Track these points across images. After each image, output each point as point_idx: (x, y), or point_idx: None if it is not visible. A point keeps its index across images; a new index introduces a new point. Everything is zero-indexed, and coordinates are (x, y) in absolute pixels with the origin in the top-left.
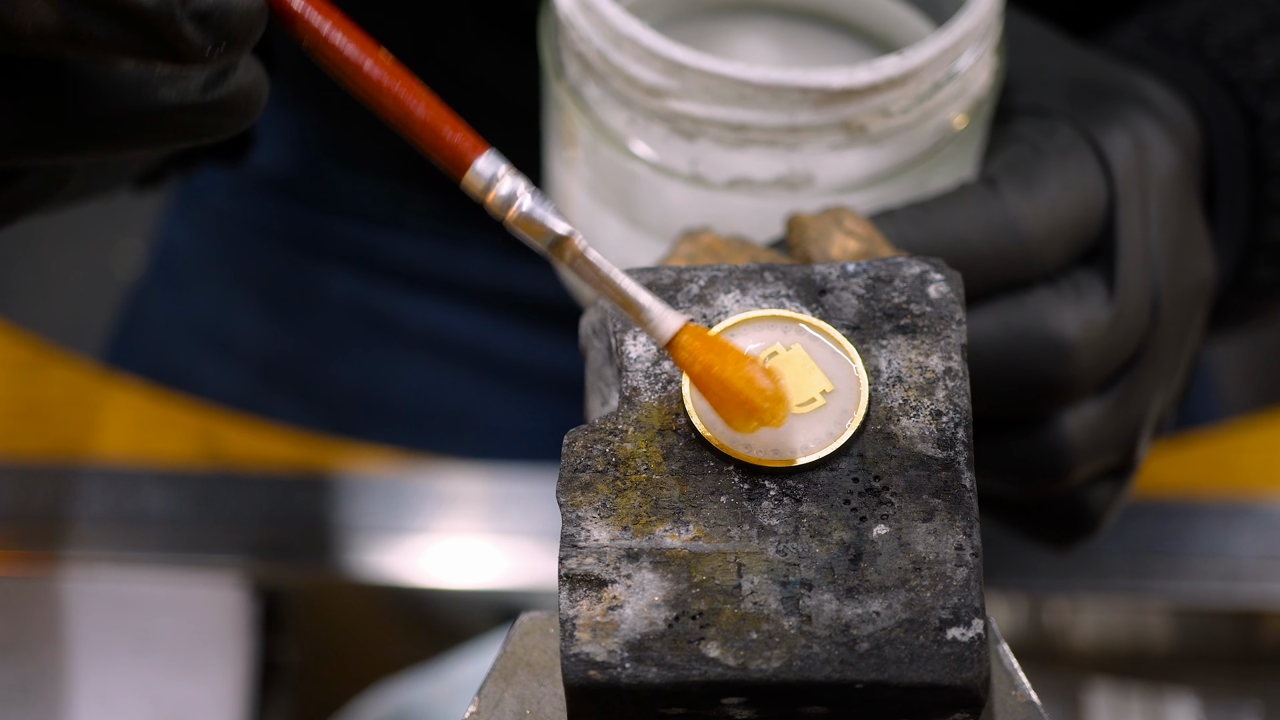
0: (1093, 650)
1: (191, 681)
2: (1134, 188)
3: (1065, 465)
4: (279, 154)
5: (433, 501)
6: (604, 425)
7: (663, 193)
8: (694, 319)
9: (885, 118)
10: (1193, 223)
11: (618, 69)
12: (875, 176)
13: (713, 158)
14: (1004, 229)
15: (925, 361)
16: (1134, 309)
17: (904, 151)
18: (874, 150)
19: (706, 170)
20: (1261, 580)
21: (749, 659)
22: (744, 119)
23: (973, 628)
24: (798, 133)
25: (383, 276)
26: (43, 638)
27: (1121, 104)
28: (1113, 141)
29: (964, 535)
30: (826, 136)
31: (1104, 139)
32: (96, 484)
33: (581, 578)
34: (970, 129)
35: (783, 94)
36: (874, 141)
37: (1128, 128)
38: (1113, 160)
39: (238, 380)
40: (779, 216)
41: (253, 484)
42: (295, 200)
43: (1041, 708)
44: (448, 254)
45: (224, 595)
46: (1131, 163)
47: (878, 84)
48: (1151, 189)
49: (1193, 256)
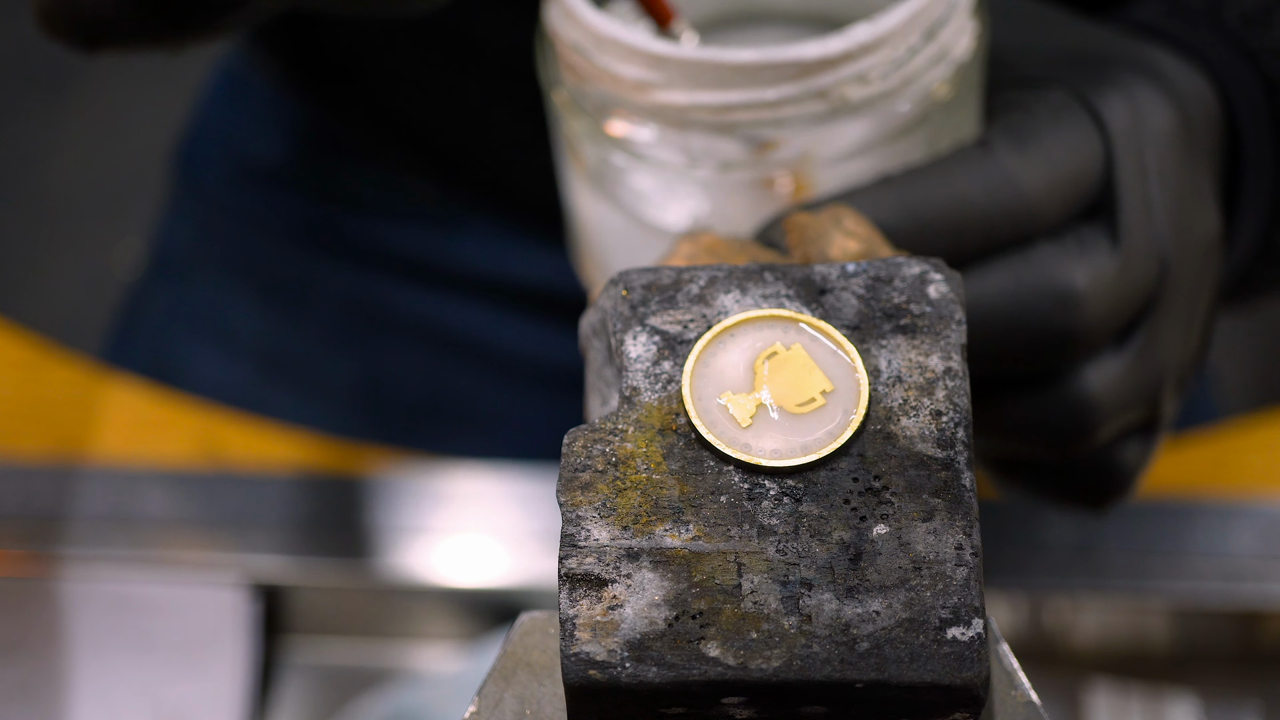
0: (1093, 650)
1: (191, 681)
2: (1130, 143)
3: (1091, 421)
4: (278, 145)
5: (433, 501)
6: (604, 425)
7: (663, 188)
8: (693, 319)
9: (864, 85)
10: (1196, 180)
11: (603, 70)
12: (865, 145)
13: (705, 146)
14: (1002, 185)
15: (925, 361)
16: (1140, 258)
17: (891, 121)
18: (860, 121)
19: (702, 159)
20: (1261, 580)
21: (749, 658)
22: (726, 100)
23: (973, 627)
24: (779, 108)
25: (382, 267)
26: (43, 638)
27: (1115, 68)
28: (1106, 101)
29: (964, 535)
30: (808, 108)
31: (1097, 99)
32: (96, 484)
33: (581, 577)
34: (959, 97)
35: (759, 72)
36: (856, 111)
37: (1121, 88)
38: (1107, 118)
39: (237, 374)
40: (778, 200)
41: (253, 484)
42: (294, 191)
43: (1041, 708)
44: (447, 243)
45: (224, 595)
46: (1126, 120)
47: (851, 51)
48: (1148, 146)
49: (1198, 212)
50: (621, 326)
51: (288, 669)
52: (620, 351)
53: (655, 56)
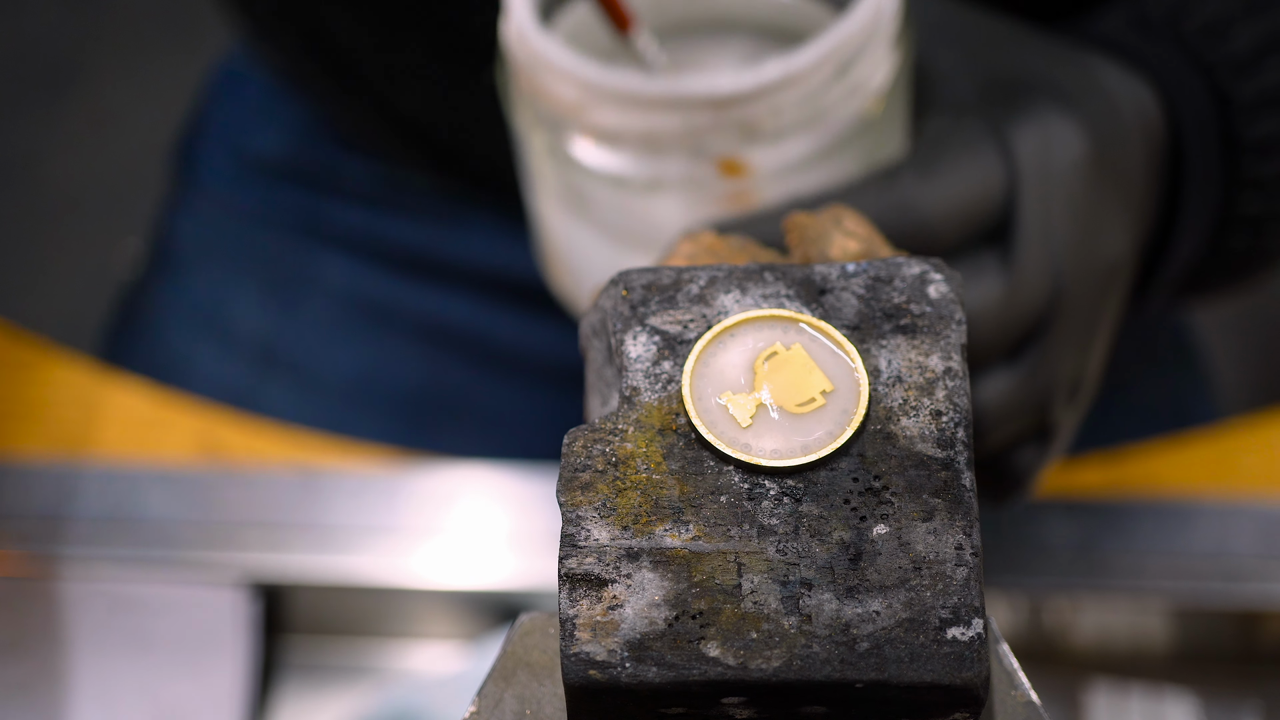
0: (1093, 650)
1: (191, 681)
2: (1037, 175)
3: (979, 428)
4: (278, 139)
5: (433, 501)
6: (604, 425)
7: (619, 202)
8: (693, 319)
9: (777, 117)
10: (1103, 205)
11: (543, 90)
12: (803, 160)
13: (647, 163)
14: (900, 209)
15: (925, 361)
16: (1031, 284)
17: (817, 141)
18: (788, 141)
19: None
20: (1261, 580)
21: (749, 658)
22: (650, 125)
23: (973, 627)
24: (699, 136)
25: (381, 261)
26: (43, 638)
27: (1033, 97)
28: (1018, 132)
29: (964, 535)
30: (726, 137)
31: (1011, 131)
32: (96, 484)
33: (581, 577)
34: (886, 113)
35: (676, 103)
36: (773, 140)
37: (1035, 120)
38: (1016, 149)
39: (235, 368)
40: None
41: (253, 484)
42: (294, 185)
43: (1041, 708)
44: (446, 237)
45: (224, 595)
46: (1036, 153)
47: (764, 86)
48: (1056, 176)
49: (1102, 237)
50: (621, 326)
51: (288, 669)
52: (620, 351)
53: (583, 81)
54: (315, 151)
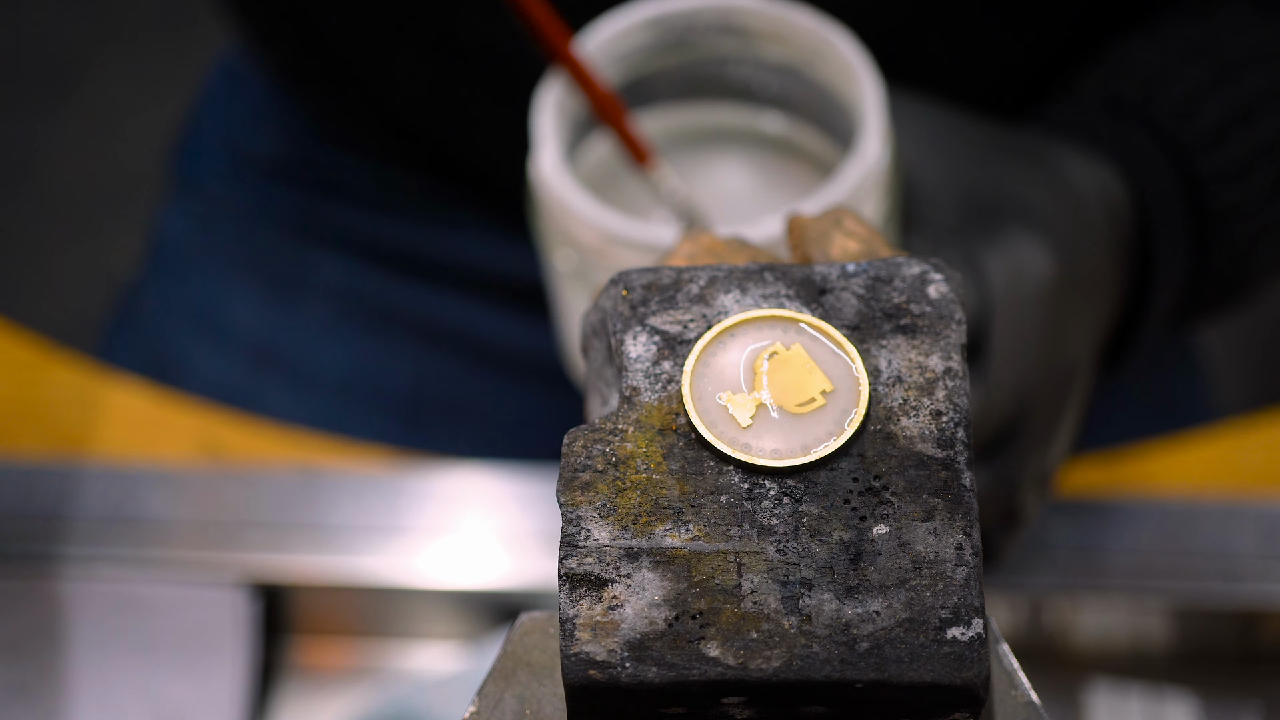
0: (1093, 650)
1: (191, 681)
2: (1007, 300)
3: None
4: (275, 139)
5: (433, 501)
6: (604, 425)
7: None
8: (693, 319)
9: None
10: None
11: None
12: None
13: None
14: None
15: (925, 361)
16: (999, 400)
17: None
18: None
19: None
20: (1261, 580)
21: (749, 658)
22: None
23: (973, 627)
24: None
25: (377, 261)
26: (43, 638)
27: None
28: (991, 259)
29: (964, 535)
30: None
31: (984, 258)
32: (96, 484)
33: (581, 577)
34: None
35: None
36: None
37: (1007, 247)
38: (990, 276)
39: (232, 368)
40: None
41: (253, 484)
42: (291, 185)
43: (1041, 708)
44: (442, 238)
45: (224, 595)
46: (1007, 277)
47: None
48: (1024, 300)
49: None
50: (621, 326)
51: (288, 669)
52: (620, 351)
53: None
54: (312, 152)
